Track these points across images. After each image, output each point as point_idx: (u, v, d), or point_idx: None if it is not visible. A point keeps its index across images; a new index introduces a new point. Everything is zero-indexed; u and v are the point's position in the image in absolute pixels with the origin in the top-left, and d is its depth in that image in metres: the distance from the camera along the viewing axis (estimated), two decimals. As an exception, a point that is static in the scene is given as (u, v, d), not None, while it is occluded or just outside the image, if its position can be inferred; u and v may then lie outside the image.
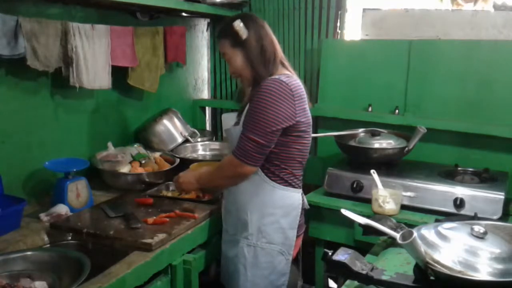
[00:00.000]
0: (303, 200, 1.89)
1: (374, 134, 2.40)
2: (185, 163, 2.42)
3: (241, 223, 1.85)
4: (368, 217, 1.72)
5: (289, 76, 1.75)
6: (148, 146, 2.62)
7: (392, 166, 2.37)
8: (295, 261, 1.97)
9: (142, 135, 2.68)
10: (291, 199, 1.83)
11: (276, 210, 1.81)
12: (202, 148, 2.86)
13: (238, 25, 1.75)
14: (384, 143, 2.36)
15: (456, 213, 2.06)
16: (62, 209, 1.91)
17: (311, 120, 1.82)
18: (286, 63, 1.85)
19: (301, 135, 1.77)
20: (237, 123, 1.84)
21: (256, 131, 1.69)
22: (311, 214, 2.35)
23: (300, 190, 1.88)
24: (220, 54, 1.91)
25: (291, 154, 1.78)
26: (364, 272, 1.35)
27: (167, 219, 1.86)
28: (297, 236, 1.88)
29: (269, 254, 1.82)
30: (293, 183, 1.83)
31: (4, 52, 1.87)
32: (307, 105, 1.79)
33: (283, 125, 1.70)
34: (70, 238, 1.79)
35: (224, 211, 1.97)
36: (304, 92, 1.78)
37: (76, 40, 2.11)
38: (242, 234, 1.85)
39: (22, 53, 1.92)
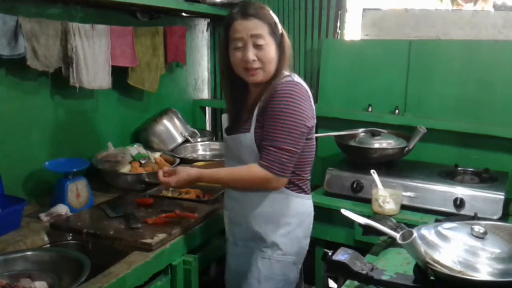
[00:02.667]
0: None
1: (374, 134, 2.40)
2: (185, 163, 2.42)
3: (254, 235, 1.72)
4: (368, 217, 1.72)
5: (295, 76, 1.67)
6: (148, 146, 2.62)
7: (392, 166, 2.37)
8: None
9: (142, 135, 2.68)
10: (304, 206, 1.74)
11: (292, 219, 1.70)
12: (202, 148, 2.87)
13: (274, 15, 1.63)
14: (384, 143, 2.36)
15: (456, 213, 2.06)
16: (62, 209, 1.91)
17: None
18: None
19: (312, 137, 1.70)
20: (243, 130, 1.66)
21: (288, 140, 1.56)
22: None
23: (311, 196, 1.79)
24: (246, 36, 1.59)
25: (303, 159, 1.68)
26: (364, 272, 1.35)
27: (167, 219, 1.86)
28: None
29: (284, 266, 1.72)
30: (306, 188, 1.74)
31: (4, 52, 1.87)
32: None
33: (308, 127, 1.61)
34: (70, 238, 1.79)
35: (229, 223, 1.82)
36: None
37: (76, 40, 2.11)
38: (255, 247, 1.72)
39: (22, 53, 1.92)
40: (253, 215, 1.71)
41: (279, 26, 1.64)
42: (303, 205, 1.73)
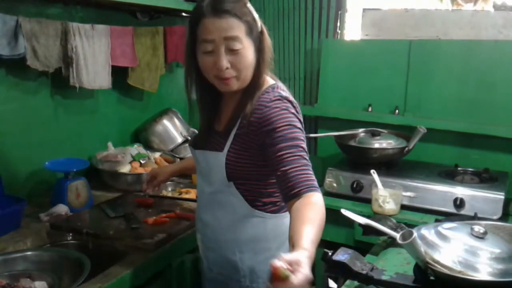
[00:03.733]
0: None
1: (374, 134, 2.40)
2: (185, 163, 2.42)
3: (228, 264, 1.48)
4: (368, 217, 1.72)
5: (278, 87, 1.40)
6: (148, 146, 2.62)
7: (392, 166, 2.37)
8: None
9: (142, 135, 2.68)
10: (283, 226, 1.45)
11: (271, 243, 1.46)
12: (202, 148, 2.86)
13: (253, 9, 1.34)
14: (384, 143, 2.36)
15: (456, 213, 2.06)
16: (62, 209, 1.91)
17: None
18: None
19: None
20: (216, 147, 1.42)
21: (305, 153, 1.31)
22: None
23: (288, 213, 1.34)
24: (218, 38, 1.29)
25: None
26: (364, 272, 1.35)
27: (167, 219, 1.86)
28: None
29: None
30: (282, 205, 1.46)
31: (4, 52, 1.87)
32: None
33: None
34: (70, 238, 1.79)
35: (202, 246, 1.57)
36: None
37: (76, 40, 2.11)
38: (231, 276, 1.49)
39: (22, 53, 1.92)
40: (226, 242, 1.47)
41: (259, 22, 1.35)
42: (281, 225, 1.47)
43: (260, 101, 1.35)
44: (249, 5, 1.35)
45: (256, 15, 1.35)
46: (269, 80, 1.43)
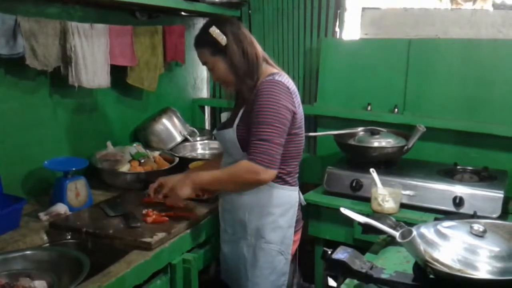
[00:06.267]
0: (299, 196, 1.89)
1: (373, 133, 2.40)
2: (184, 162, 2.42)
3: (239, 223, 1.84)
4: (367, 215, 1.72)
5: (280, 75, 1.74)
6: (148, 145, 2.62)
7: (392, 164, 2.37)
8: (292, 257, 1.96)
9: (141, 134, 2.68)
10: (288, 198, 1.82)
11: (274, 209, 1.79)
12: (201, 147, 2.86)
13: (215, 31, 1.70)
14: (383, 142, 2.36)
15: (456, 211, 2.06)
16: (61, 208, 1.91)
17: (303, 116, 1.82)
18: (270, 60, 1.83)
19: (297, 132, 1.78)
20: (229, 125, 1.80)
21: (270, 132, 1.65)
22: (310, 213, 2.35)
23: (297, 188, 1.87)
24: (202, 63, 1.82)
25: (288, 153, 1.77)
26: (363, 270, 1.35)
27: (167, 218, 1.86)
28: (295, 232, 1.87)
29: (268, 254, 1.81)
30: (290, 181, 1.83)
31: (3, 51, 1.87)
32: (300, 101, 1.80)
33: (289, 118, 1.70)
34: (69, 237, 1.79)
35: (221, 210, 1.93)
36: (296, 88, 1.79)
37: (75, 39, 2.10)
38: (241, 234, 1.84)
39: (21, 53, 1.92)
40: (239, 203, 1.82)
41: (223, 39, 1.70)
42: (287, 196, 1.81)
43: (261, 85, 1.70)
44: (212, 29, 1.70)
45: (219, 36, 1.70)
46: (272, 70, 1.77)
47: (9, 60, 1.93)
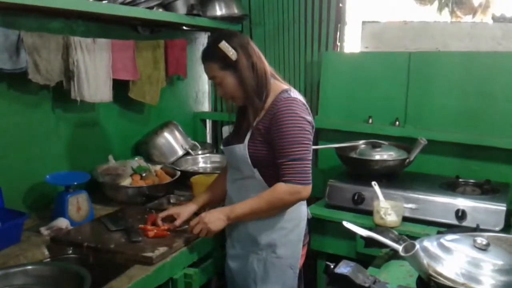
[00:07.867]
0: (307, 210, 1.89)
1: (374, 146, 2.40)
2: (186, 175, 2.42)
3: (250, 238, 1.82)
4: (369, 229, 1.71)
5: (292, 91, 1.76)
6: (149, 159, 2.62)
7: (393, 178, 2.37)
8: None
9: (143, 148, 2.69)
10: (299, 212, 1.82)
11: (286, 224, 1.79)
12: (202, 161, 2.86)
13: (224, 45, 1.67)
14: (385, 155, 2.36)
15: (458, 224, 2.05)
16: (62, 222, 1.91)
17: None
18: (277, 75, 1.84)
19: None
20: (237, 141, 1.78)
21: (305, 151, 1.67)
22: (312, 226, 2.34)
23: (305, 201, 1.86)
24: (209, 77, 1.81)
25: None
26: (366, 285, 1.34)
27: (168, 233, 1.85)
28: (303, 246, 1.86)
29: (279, 269, 1.79)
30: None
31: (6, 66, 1.88)
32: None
33: (312, 132, 1.74)
34: (70, 252, 1.78)
35: (227, 227, 1.87)
36: None
37: (78, 54, 2.12)
38: (251, 248, 1.82)
39: (24, 67, 1.93)
40: (249, 220, 1.79)
41: (233, 54, 1.68)
42: (297, 210, 1.81)
43: (274, 105, 1.71)
44: (222, 44, 1.68)
45: (229, 50, 1.68)
46: (282, 86, 1.78)
47: (12, 75, 1.94)
